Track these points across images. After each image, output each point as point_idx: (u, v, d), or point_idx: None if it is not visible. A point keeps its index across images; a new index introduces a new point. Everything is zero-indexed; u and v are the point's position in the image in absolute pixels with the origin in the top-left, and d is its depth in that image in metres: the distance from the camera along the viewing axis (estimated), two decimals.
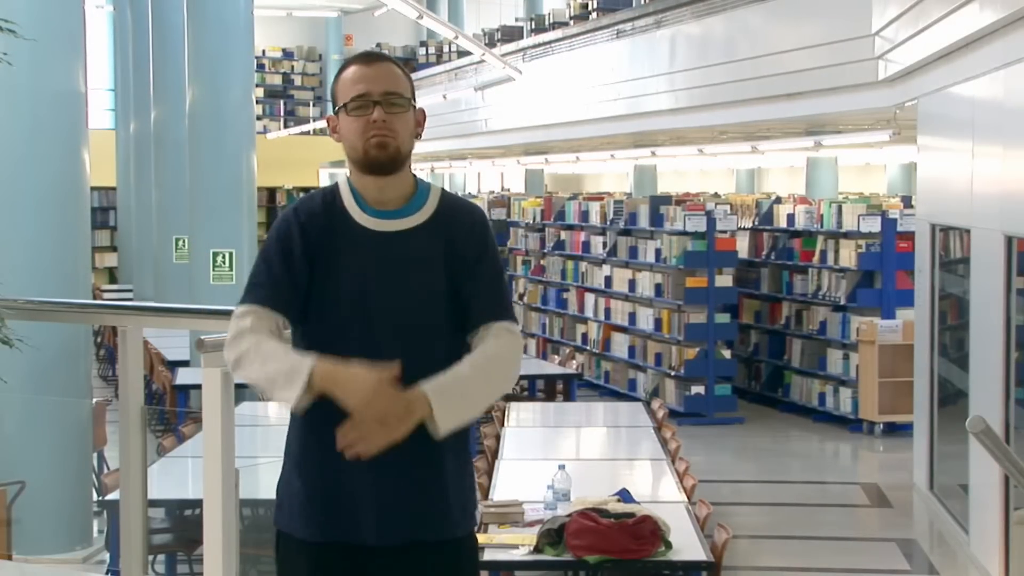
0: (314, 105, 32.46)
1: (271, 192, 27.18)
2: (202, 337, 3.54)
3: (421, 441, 2.89)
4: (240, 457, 3.59)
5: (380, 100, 2.97)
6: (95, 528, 7.73)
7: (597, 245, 15.07)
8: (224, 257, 10.54)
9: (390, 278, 2.98)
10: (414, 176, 3.08)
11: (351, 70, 3.02)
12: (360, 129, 2.97)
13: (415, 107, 3.04)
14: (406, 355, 2.91)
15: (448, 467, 3.01)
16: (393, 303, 2.98)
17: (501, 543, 5.60)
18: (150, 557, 5.97)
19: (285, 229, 3.00)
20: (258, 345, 2.87)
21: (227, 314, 3.08)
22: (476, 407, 2.97)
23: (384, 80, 2.99)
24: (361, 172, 3.02)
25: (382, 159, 2.97)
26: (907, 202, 14.47)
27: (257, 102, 19.13)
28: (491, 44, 22.92)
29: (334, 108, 3.05)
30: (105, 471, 8.03)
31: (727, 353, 13.13)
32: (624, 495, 6.15)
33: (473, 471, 3.18)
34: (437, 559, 3.03)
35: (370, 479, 2.95)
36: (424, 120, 3.07)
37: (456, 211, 3.07)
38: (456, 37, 16.72)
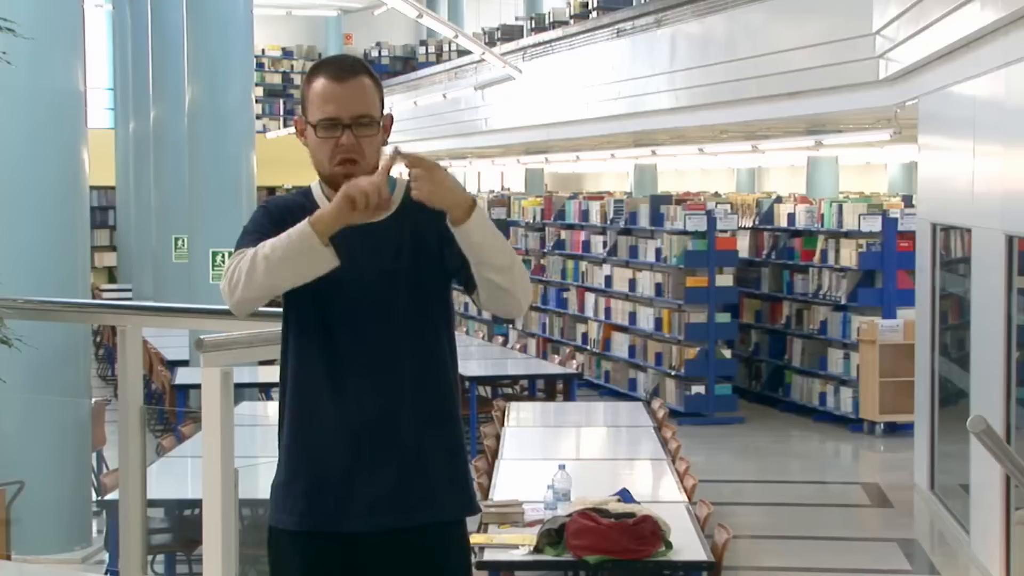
0: None
1: (271, 191, 27.03)
2: (201, 337, 3.54)
3: (403, 430, 3.00)
4: (239, 457, 3.59)
5: (350, 124, 2.95)
6: (94, 528, 7.71)
7: (597, 244, 15.05)
8: (223, 257, 10.52)
9: (363, 268, 3.00)
10: None
11: (321, 84, 2.97)
12: (328, 151, 2.97)
13: (383, 117, 3.02)
14: (389, 343, 3.00)
15: (432, 453, 3.03)
16: (370, 292, 3.01)
17: (501, 543, 5.59)
18: (149, 557, 5.94)
19: (264, 209, 3.05)
20: (251, 252, 2.88)
21: (227, 314, 3.09)
22: (500, 248, 2.92)
23: (355, 102, 2.96)
24: (328, 186, 3.04)
25: None
26: (908, 201, 14.45)
27: (256, 101, 19.10)
28: (491, 43, 22.91)
29: (303, 113, 3.03)
30: (104, 471, 8.01)
31: (727, 353, 13.12)
32: (624, 495, 6.13)
33: (465, 456, 3.17)
34: (424, 544, 3.04)
35: (354, 468, 2.98)
36: (391, 125, 3.06)
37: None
38: (456, 36, 16.71)
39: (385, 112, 3.05)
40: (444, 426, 3.06)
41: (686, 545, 5.59)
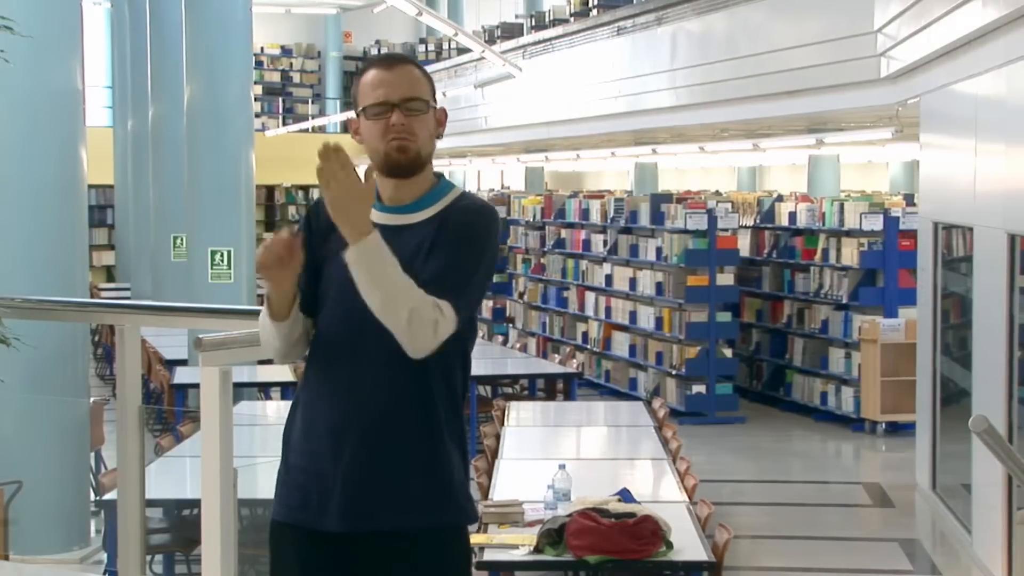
0: (312, 102, 32.40)
1: (270, 190, 27.17)
2: (200, 336, 3.52)
3: (387, 435, 2.98)
4: (238, 456, 3.57)
5: (399, 104, 3.01)
6: (92, 528, 7.69)
7: (598, 243, 15.03)
8: (222, 255, 10.50)
9: None
10: (438, 176, 3.11)
11: (371, 74, 3.06)
12: (380, 133, 3.02)
13: (435, 108, 3.09)
14: (382, 348, 2.94)
15: (422, 458, 3.00)
16: None
17: (501, 543, 5.57)
18: (148, 557, 5.93)
19: (304, 219, 3.16)
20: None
21: (225, 313, 3.08)
22: (373, 291, 2.86)
23: (403, 85, 3.03)
24: (382, 175, 3.06)
25: (402, 162, 3.02)
26: (909, 200, 14.44)
27: (255, 99, 19.10)
28: (491, 41, 22.87)
29: (355, 111, 3.09)
30: (103, 471, 8.01)
31: (728, 352, 13.10)
32: (625, 495, 6.12)
33: (459, 462, 3.09)
34: (415, 550, 3.02)
35: (337, 468, 2.98)
36: (445, 119, 3.12)
37: (461, 207, 3.07)
38: (456, 34, 16.66)
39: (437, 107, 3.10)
40: (431, 433, 3.00)
41: (687, 545, 5.57)
